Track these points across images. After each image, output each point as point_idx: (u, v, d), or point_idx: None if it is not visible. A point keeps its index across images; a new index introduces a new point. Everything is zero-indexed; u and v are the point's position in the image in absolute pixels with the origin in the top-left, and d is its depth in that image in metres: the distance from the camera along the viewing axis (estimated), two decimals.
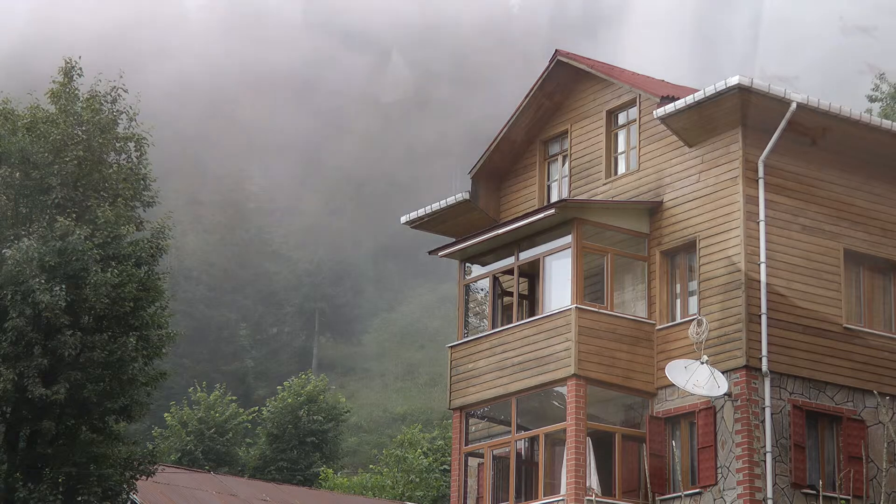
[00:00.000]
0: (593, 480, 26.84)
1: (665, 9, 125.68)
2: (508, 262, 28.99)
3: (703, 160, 27.37)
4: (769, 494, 25.34)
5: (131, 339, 29.65)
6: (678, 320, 27.33)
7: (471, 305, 31.24)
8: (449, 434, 39.32)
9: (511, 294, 29.57)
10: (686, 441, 26.84)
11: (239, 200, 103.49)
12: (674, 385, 26.15)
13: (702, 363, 25.91)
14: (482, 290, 30.66)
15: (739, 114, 26.57)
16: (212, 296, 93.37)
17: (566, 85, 30.28)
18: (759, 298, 26.11)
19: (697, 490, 26.18)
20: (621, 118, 29.56)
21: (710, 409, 26.12)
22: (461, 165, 34.89)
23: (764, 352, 25.91)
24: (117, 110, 31.44)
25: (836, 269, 27.20)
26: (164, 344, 31.25)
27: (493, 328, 29.24)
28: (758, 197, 26.52)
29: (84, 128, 30.78)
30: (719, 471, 25.86)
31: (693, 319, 26.67)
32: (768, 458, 25.56)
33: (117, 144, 31.45)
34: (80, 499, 29.21)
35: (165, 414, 62.22)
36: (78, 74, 31.68)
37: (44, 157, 29.95)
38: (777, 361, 26.05)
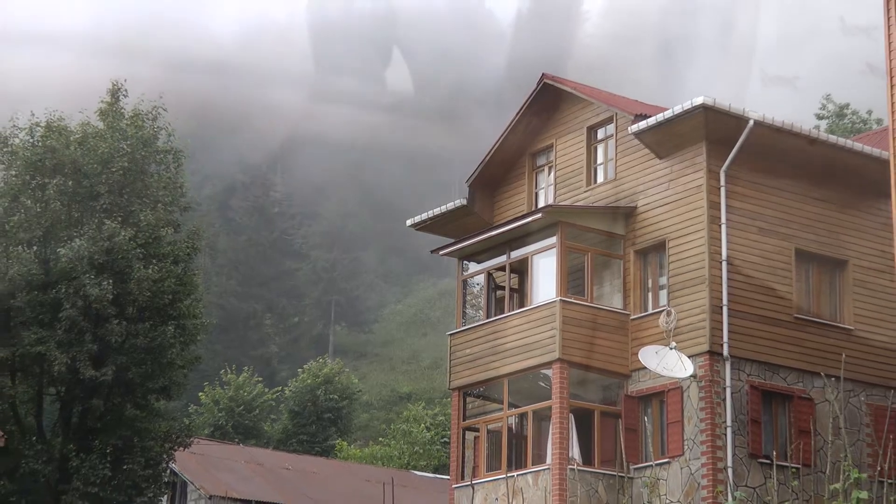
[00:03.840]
0: (575, 451, 26.88)
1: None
2: (501, 260, 29.02)
3: (671, 170, 27.40)
4: (729, 463, 25.39)
5: (170, 328, 29.75)
6: (650, 311, 27.36)
7: (468, 298, 31.32)
8: (449, 411, 39.33)
9: (503, 288, 29.59)
10: (657, 417, 26.88)
11: (264, 206, 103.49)
12: (646, 368, 26.17)
13: (671, 349, 25.95)
14: (478, 284, 30.75)
15: (703, 130, 26.59)
16: (241, 290, 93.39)
17: (551, 104, 30.29)
18: (721, 292, 26.15)
19: (667, 460, 26.22)
20: (600, 133, 29.58)
21: (677, 388, 26.17)
22: (460, 174, 34.87)
23: (725, 339, 25.95)
24: (157, 127, 31.55)
25: (789, 266, 27.24)
26: (198, 332, 31.37)
27: (487, 318, 29.28)
28: (720, 203, 26.55)
29: (128, 142, 30.88)
30: (686, 443, 25.89)
31: (663, 310, 26.71)
32: (729, 432, 25.59)
33: (157, 157, 31.57)
34: (125, 467, 29.32)
35: (200, 393, 62.29)
36: (123, 95, 31.79)
37: (93, 167, 30.05)
38: (736, 347, 26.10)
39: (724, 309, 26.07)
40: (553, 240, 27.68)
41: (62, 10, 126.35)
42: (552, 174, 30.31)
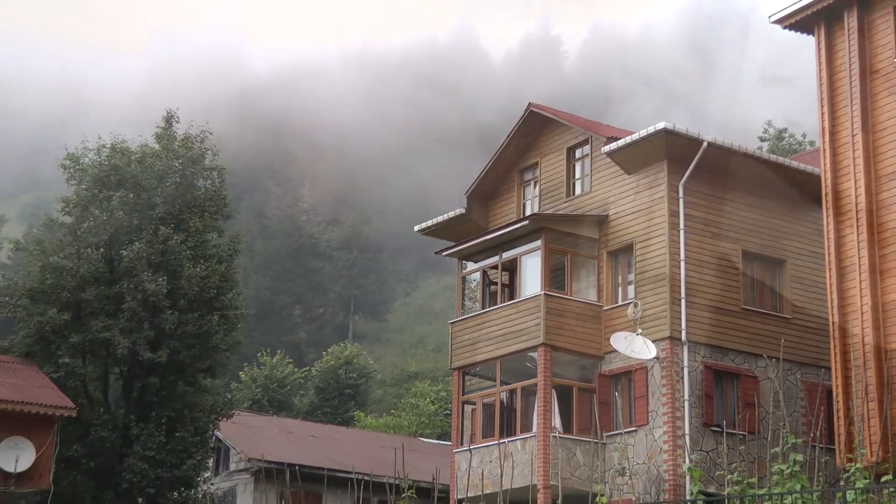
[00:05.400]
0: (557, 421, 26.89)
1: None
2: (494, 259, 29.06)
3: (638, 184, 27.43)
4: (687, 431, 25.41)
5: (215, 317, 29.83)
6: (620, 303, 27.38)
7: (466, 292, 31.29)
8: (450, 387, 39.38)
9: (496, 283, 29.63)
10: (626, 392, 26.90)
11: (294, 214, 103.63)
12: (616, 351, 26.18)
13: (637, 335, 25.95)
14: (475, 280, 30.73)
15: (665, 150, 26.61)
16: (274, 285, 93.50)
17: (536, 128, 30.33)
18: (680, 286, 26.16)
19: (634, 428, 26.24)
20: (577, 153, 29.62)
21: (643, 368, 26.20)
22: (459, 187, 34.91)
23: (683, 326, 25.97)
24: (204, 148, 31.65)
25: (737, 265, 27.27)
26: (238, 321, 31.46)
27: (483, 308, 29.31)
28: (678, 212, 26.56)
29: (180, 161, 31.00)
30: (650, 414, 25.92)
31: (631, 302, 26.74)
32: (686, 404, 25.61)
33: (204, 173, 31.66)
34: (177, 434, 29.40)
35: (240, 372, 62.40)
36: (176, 121, 31.88)
37: (150, 182, 30.15)
38: (693, 333, 26.11)
39: (683, 301, 26.08)
40: (538, 243, 27.71)
41: (126, 54, 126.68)
42: (537, 187, 30.35)
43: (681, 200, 26.56)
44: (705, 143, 26.27)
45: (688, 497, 23.38)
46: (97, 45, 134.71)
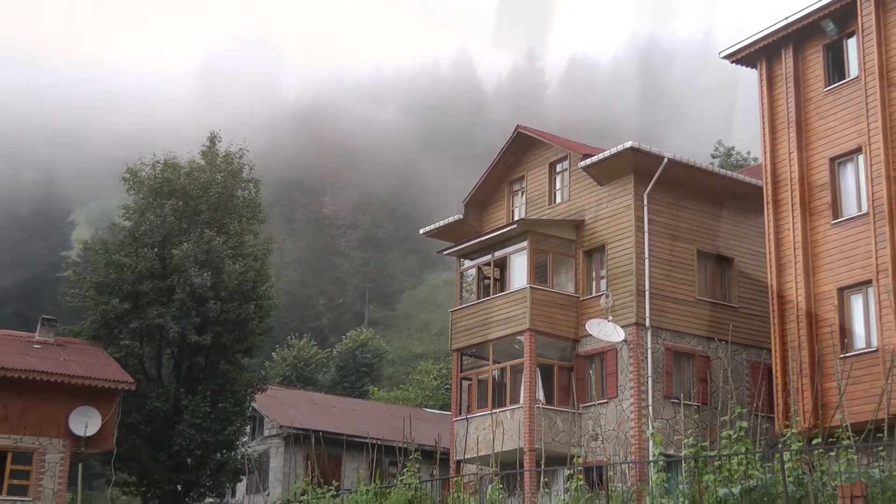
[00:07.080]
0: (540, 395, 26.97)
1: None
2: (487, 258, 29.14)
3: (609, 194, 27.51)
4: (650, 402, 25.50)
5: (251, 307, 29.93)
6: (594, 294, 27.45)
7: (464, 285, 31.36)
8: (450, 366, 39.44)
9: (489, 278, 29.72)
10: (599, 370, 26.98)
11: (317, 219, 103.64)
12: (591, 335, 26.29)
13: (608, 321, 26.06)
14: (471, 275, 30.81)
15: (632, 165, 26.70)
16: (302, 279, 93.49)
17: (523, 146, 30.40)
18: (644, 280, 26.25)
19: (605, 400, 26.32)
20: (558, 167, 29.69)
21: (613, 350, 26.28)
22: (458, 196, 34.95)
23: (647, 314, 26.06)
24: (242, 162, 31.73)
25: (692, 262, 27.35)
26: (271, 309, 31.56)
27: (478, 299, 29.39)
28: (643, 217, 26.64)
29: (222, 174, 31.08)
30: (619, 388, 26.01)
31: (603, 294, 26.83)
32: (649, 380, 25.69)
33: (242, 184, 31.74)
34: (220, 405, 29.51)
35: (273, 352, 62.44)
36: (218, 140, 31.96)
37: (197, 192, 30.25)
38: (655, 320, 26.19)
39: (647, 292, 26.17)
40: (525, 244, 27.79)
41: (179, 79, 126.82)
42: (524, 196, 30.43)
43: (645, 208, 26.65)
44: (666, 159, 26.38)
45: (651, 458, 23.47)
46: (150, 71, 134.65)
